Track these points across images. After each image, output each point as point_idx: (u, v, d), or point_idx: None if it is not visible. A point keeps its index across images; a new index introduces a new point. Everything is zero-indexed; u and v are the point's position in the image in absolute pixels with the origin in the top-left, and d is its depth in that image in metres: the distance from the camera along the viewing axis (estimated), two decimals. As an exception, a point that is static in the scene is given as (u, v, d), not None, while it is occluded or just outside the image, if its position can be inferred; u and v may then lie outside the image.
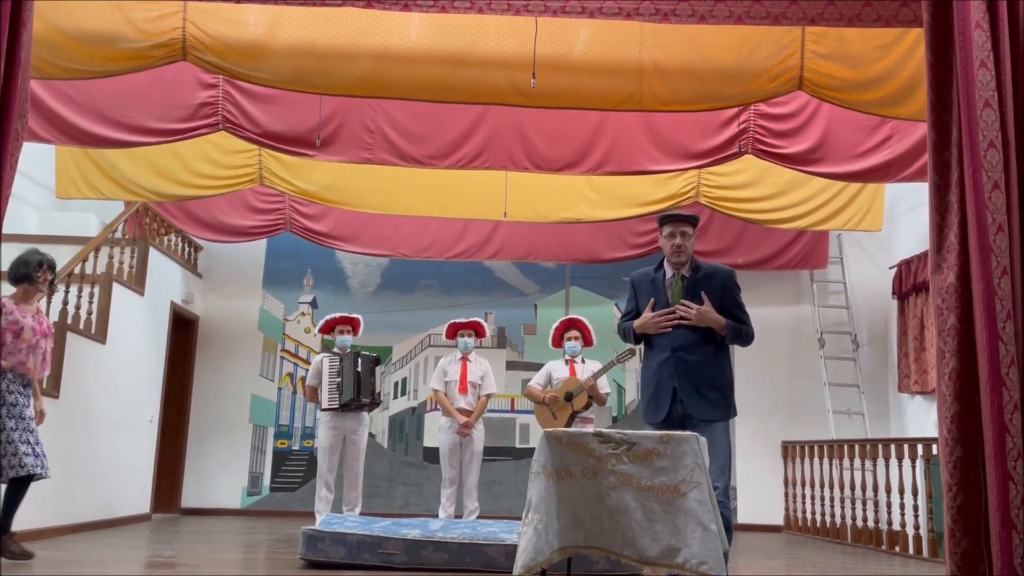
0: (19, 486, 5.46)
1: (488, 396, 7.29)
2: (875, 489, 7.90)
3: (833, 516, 8.49)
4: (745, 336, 4.23)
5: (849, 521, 8.24)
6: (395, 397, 10.24)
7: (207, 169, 7.30)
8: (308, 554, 5.57)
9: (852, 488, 8.19)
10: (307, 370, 8.11)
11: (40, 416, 5.58)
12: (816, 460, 8.91)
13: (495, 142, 6.51)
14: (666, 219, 4.32)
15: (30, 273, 5.59)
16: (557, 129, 6.51)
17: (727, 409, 4.18)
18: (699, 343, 4.13)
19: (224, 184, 7.41)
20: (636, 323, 4.25)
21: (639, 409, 4.39)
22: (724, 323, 4.13)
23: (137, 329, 8.59)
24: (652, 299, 4.24)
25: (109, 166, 7.31)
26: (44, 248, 7.88)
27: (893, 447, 7.62)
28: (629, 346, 5.02)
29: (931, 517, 7.20)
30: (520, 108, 5.89)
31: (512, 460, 9.93)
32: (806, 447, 9.11)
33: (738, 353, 8.86)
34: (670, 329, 4.15)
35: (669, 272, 4.28)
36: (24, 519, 6.35)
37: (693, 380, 4.10)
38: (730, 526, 4.02)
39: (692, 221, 4.29)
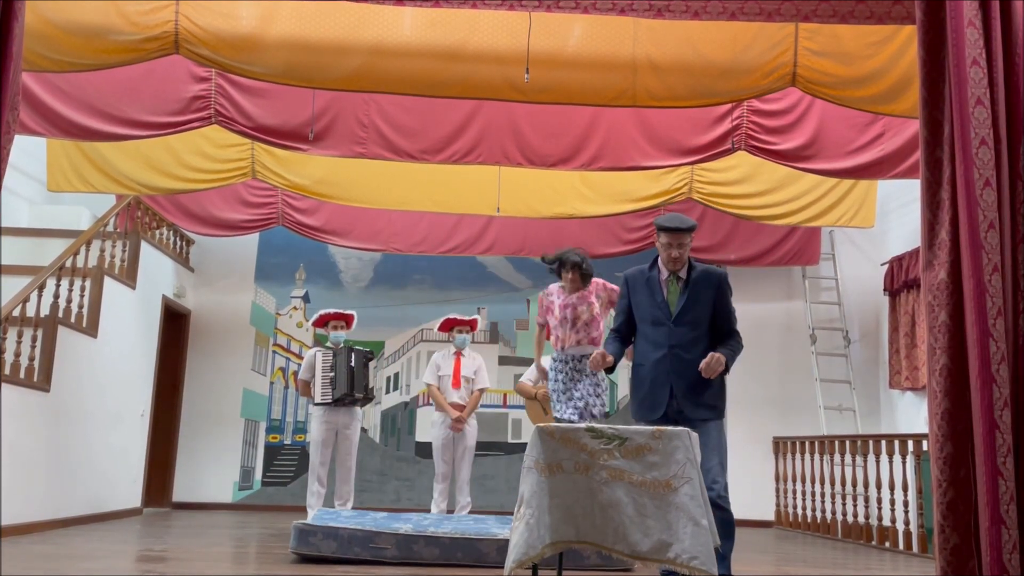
0: None
1: (481, 391, 7.29)
2: (865, 485, 7.93)
3: (824, 512, 8.53)
4: (738, 353, 4.23)
5: (839, 517, 8.27)
6: (387, 392, 10.24)
7: (199, 163, 7.27)
8: (300, 548, 5.57)
9: (843, 484, 8.22)
10: (299, 364, 8.10)
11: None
12: (807, 456, 8.94)
13: (488, 137, 6.50)
14: (664, 229, 4.19)
15: None
16: (550, 124, 6.50)
17: (720, 408, 4.22)
18: (697, 341, 4.16)
19: (216, 178, 7.39)
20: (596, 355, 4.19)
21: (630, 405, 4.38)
22: (724, 361, 4.07)
23: (129, 323, 8.56)
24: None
25: (101, 159, 7.27)
26: (36, 241, 7.84)
27: (884, 443, 7.65)
28: None
29: (921, 513, 7.23)
30: (514, 103, 5.88)
31: (504, 455, 9.94)
32: (797, 443, 9.14)
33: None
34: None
35: (665, 273, 4.27)
36: (14, 513, 6.34)
37: (689, 378, 4.10)
38: (732, 523, 4.13)
39: (692, 231, 4.21)
